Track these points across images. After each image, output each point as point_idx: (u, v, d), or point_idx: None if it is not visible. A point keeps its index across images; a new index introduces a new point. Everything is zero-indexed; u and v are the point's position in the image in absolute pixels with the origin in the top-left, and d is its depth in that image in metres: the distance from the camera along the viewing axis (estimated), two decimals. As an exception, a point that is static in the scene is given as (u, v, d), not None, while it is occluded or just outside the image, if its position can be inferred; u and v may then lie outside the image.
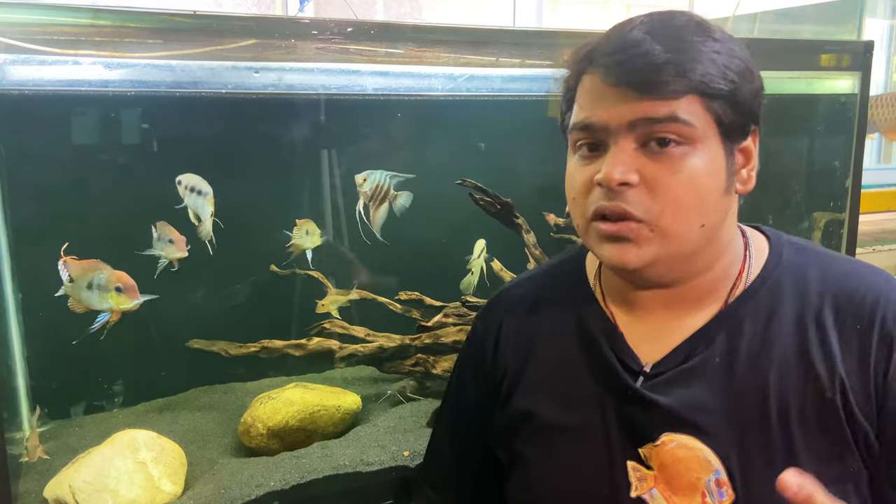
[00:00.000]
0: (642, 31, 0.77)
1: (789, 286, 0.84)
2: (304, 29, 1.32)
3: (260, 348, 1.55)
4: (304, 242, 1.55)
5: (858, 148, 1.82)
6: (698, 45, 0.76)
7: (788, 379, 0.80)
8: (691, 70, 0.74)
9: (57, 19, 1.15)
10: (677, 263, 0.82)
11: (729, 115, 0.77)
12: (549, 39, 1.57)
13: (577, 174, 0.82)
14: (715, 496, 0.80)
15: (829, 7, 2.66)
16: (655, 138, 0.76)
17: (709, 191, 0.78)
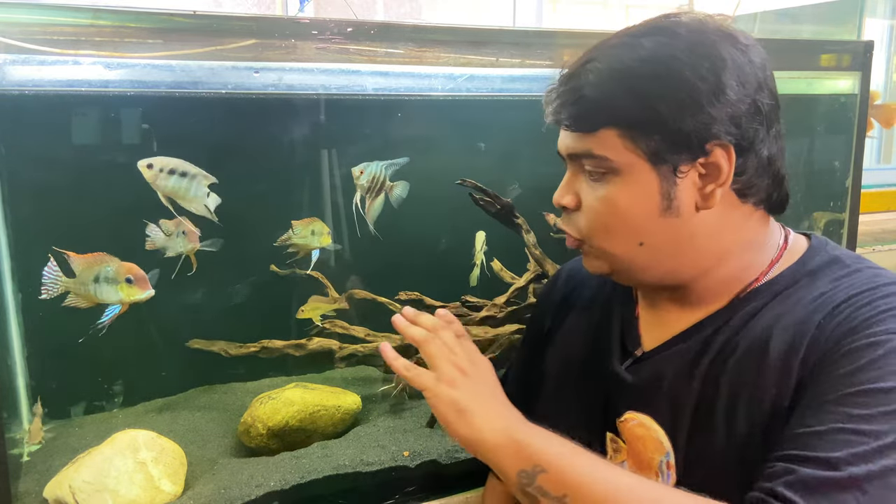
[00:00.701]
0: (578, 64, 0.83)
1: (795, 292, 0.83)
2: (304, 29, 1.32)
3: (260, 348, 1.55)
4: (311, 242, 1.53)
5: (858, 148, 1.82)
6: (622, 76, 0.79)
7: (741, 369, 0.81)
8: (606, 106, 0.80)
9: (57, 19, 1.15)
10: (640, 275, 0.87)
11: (657, 142, 0.79)
12: (549, 39, 1.57)
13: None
14: (665, 477, 0.84)
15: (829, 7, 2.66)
16: (585, 170, 0.85)
17: (633, 213, 0.82)
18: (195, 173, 1.30)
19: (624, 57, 0.80)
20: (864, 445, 0.67)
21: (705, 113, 0.77)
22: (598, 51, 0.82)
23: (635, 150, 0.80)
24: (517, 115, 1.75)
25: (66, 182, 1.43)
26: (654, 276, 0.87)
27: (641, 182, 0.81)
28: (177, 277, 1.46)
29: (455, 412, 0.80)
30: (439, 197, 1.60)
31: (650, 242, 0.83)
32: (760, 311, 0.83)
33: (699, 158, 0.80)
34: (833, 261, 0.85)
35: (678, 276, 0.86)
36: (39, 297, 1.24)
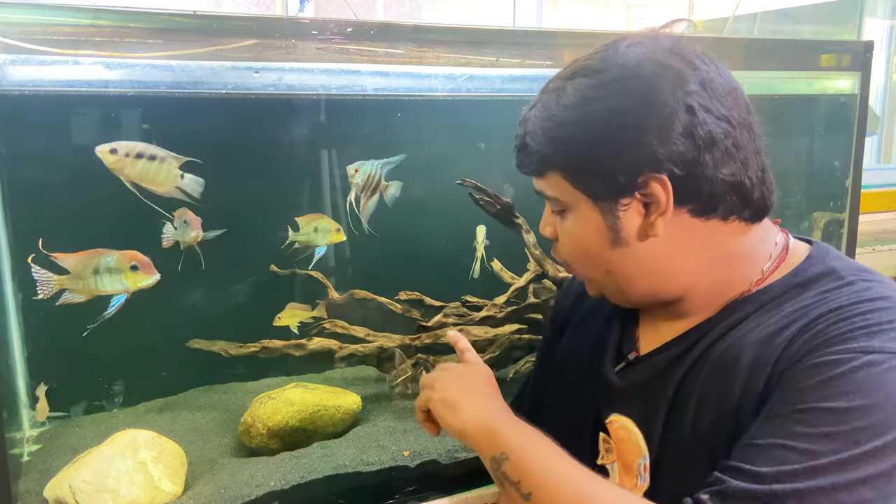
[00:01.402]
0: (529, 108, 0.88)
1: (780, 304, 0.82)
2: (304, 29, 1.32)
3: (260, 348, 1.55)
4: (315, 239, 1.52)
5: (858, 148, 1.82)
6: (551, 125, 0.84)
7: (712, 378, 0.81)
8: (543, 153, 0.85)
9: (57, 19, 1.15)
10: (623, 297, 0.91)
11: (592, 182, 0.83)
12: (549, 39, 1.57)
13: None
14: (641, 480, 0.87)
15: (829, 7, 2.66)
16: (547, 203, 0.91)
17: (589, 246, 0.87)
18: (164, 156, 1.26)
19: (551, 104, 0.84)
20: (796, 464, 0.66)
21: (633, 151, 0.79)
22: (539, 95, 0.88)
23: (576, 189, 0.85)
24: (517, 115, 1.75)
25: (66, 182, 1.43)
26: (637, 296, 0.90)
27: (588, 218, 0.86)
28: (177, 278, 1.46)
29: (445, 407, 0.91)
30: (439, 197, 1.60)
31: (615, 269, 0.88)
32: (743, 321, 0.83)
33: (636, 192, 0.82)
34: (828, 272, 0.82)
35: (661, 294, 0.89)
36: (35, 297, 1.24)
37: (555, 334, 1.14)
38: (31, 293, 1.41)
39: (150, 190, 1.28)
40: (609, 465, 0.93)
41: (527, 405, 1.16)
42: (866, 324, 0.73)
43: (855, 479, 0.65)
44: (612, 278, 0.89)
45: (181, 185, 1.29)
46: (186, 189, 1.30)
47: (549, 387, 1.11)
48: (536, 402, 1.15)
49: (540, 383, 1.16)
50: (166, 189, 1.28)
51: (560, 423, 0.96)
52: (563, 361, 1.06)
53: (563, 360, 1.07)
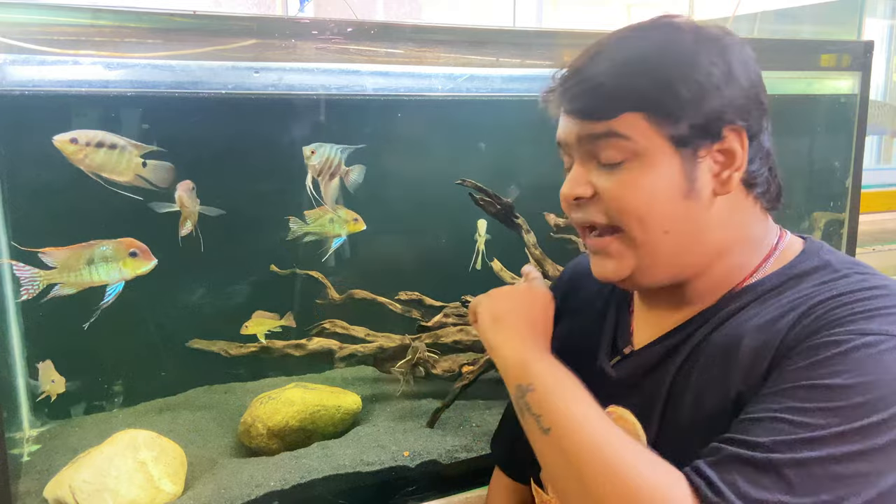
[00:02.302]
0: (587, 56, 0.83)
1: (777, 294, 0.83)
2: (304, 29, 1.32)
3: (260, 348, 1.55)
4: (331, 230, 1.50)
5: (858, 148, 1.82)
6: (638, 63, 0.80)
7: (708, 368, 0.82)
8: (626, 90, 0.80)
9: (57, 19, 1.15)
10: (658, 271, 0.85)
11: (679, 125, 0.80)
12: (549, 39, 1.57)
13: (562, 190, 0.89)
14: None
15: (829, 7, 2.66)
16: (599, 158, 0.83)
17: (659, 200, 0.81)
18: (123, 144, 1.24)
19: (637, 46, 0.82)
20: (793, 435, 0.67)
21: (721, 97, 0.80)
22: (605, 45, 0.83)
23: (658, 133, 0.80)
24: (517, 115, 1.75)
25: (66, 182, 1.43)
26: (667, 273, 0.86)
27: (665, 164, 0.81)
28: (177, 277, 1.46)
29: (490, 318, 0.91)
30: (439, 197, 1.60)
31: (674, 230, 0.82)
32: (741, 311, 0.83)
33: (715, 143, 0.81)
34: (823, 265, 0.84)
35: (686, 272, 0.86)
36: (19, 300, 1.24)
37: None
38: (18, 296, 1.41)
39: (110, 179, 1.25)
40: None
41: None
42: (864, 309, 0.74)
43: (852, 451, 0.66)
44: (662, 243, 0.83)
45: (143, 173, 1.26)
46: (149, 177, 1.27)
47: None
48: None
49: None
50: (127, 178, 1.26)
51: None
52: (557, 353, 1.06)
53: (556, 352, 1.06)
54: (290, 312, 1.56)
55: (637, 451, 0.73)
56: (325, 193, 1.45)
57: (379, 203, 1.54)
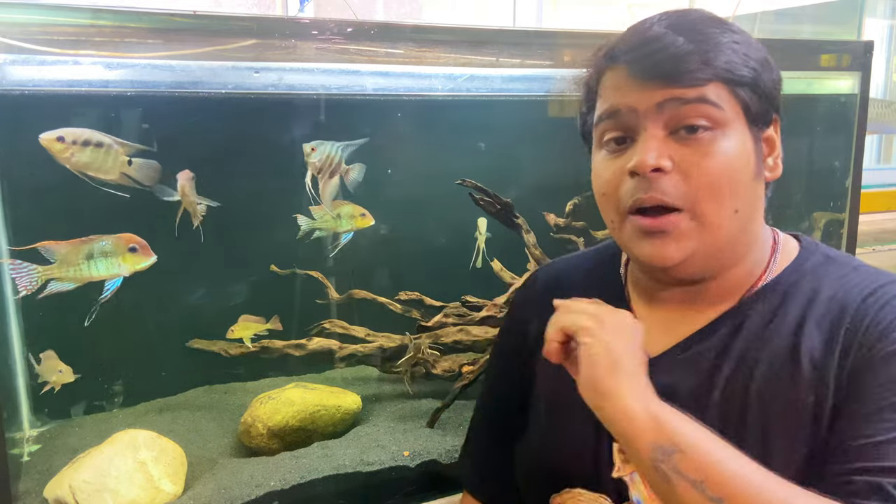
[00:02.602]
0: (662, 26, 0.79)
1: (802, 292, 0.83)
2: (304, 29, 1.32)
3: (260, 348, 1.55)
4: (339, 225, 1.49)
5: (858, 148, 1.82)
6: (717, 35, 0.79)
7: (773, 378, 0.80)
8: (714, 58, 0.77)
9: (57, 19, 1.15)
10: (713, 256, 0.83)
11: (754, 102, 0.80)
12: (549, 39, 1.57)
13: (606, 168, 0.83)
14: None
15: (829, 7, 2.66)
16: (684, 125, 0.78)
17: (740, 174, 0.79)
18: (110, 142, 1.22)
19: (716, 21, 0.81)
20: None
21: (777, 84, 0.83)
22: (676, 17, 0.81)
23: (737, 106, 0.79)
24: (517, 115, 1.75)
25: (66, 182, 1.43)
26: (718, 261, 0.83)
27: (742, 139, 0.80)
28: (177, 277, 1.46)
29: (609, 360, 0.75)
30: (439, 196, 1.60)
31: (742, 211, 0.80)
32: (777, 313, 0.82)
33: (767, 128, 0.83)
34: (829, 260, 0.86)
35: (728, 262, 0.85)
36: (18, 297, 1.23)
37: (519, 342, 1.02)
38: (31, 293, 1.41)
39: (97, 178, 1.24)
40: (628, 477, 0.85)
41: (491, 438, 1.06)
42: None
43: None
44: (731, 224, 0.80)
45: (129, 171, 1.24)
46: (135, 175, 1.25)
47: (538, 405, 0.97)
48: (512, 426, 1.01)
49: (515, 405, 1.01)
50: (113, 177, 1.24)
51: (565, 439, 0.90)
52: (551, 373, 0.93)
53: (549, 372, 0.94)
54: (277, 316, 1.54)
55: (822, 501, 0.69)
56: (324, 192, 1.44)
57: (379, 202, 1.54)
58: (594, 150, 0.87)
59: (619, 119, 0.80)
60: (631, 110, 0.79)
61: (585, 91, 0.87)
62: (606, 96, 0.82)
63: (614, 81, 0.81)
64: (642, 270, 0.90)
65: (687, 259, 0.80)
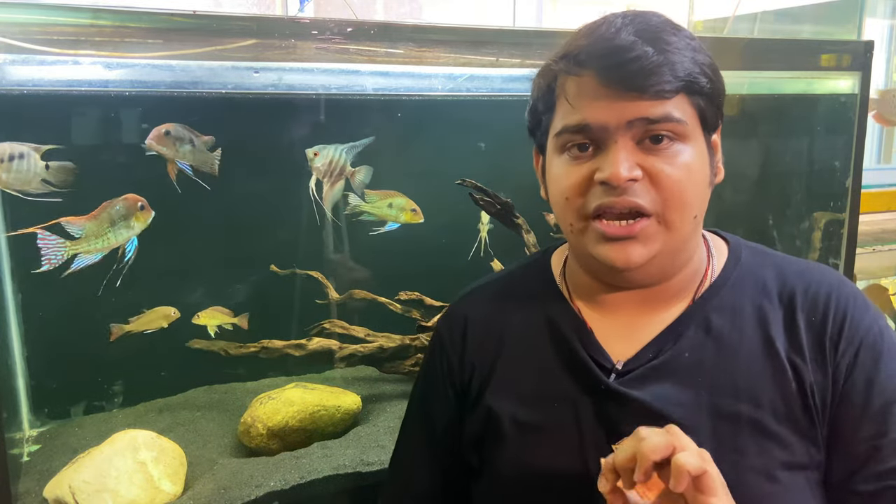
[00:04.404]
0: (629, 32, 0.79)
1: (749, 284, 0.88)
2: (304, 29, 1.32)
3: (260, 348, 1.54)
4: (389, 214, 1.49)
5: (858, 148, 1.82)
6: (678, 43, 0.79)
7: (757, 371, 0.82)
8: (680, 69, 0.78)
9: (57, 19, 1.15)
10: (670, 259, 0.85)
11: (709, 109, 0.82)
12: (549, 39, 1.57)
13: (570, 174, 0.83)
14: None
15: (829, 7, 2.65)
16: (651, 136, 0.79)
17: (700, 182, 0.83)
18: (26, 151, 1.16)
19: (678, 32, 0.81)
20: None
21: (723, 87, 0.84)
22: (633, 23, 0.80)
23: (695, 115, 0.82)
24: (517, 115, 1.75)
25: (65, 182, 1.43)
26: (677, 261, 0.87)
27: (700, 147, 0.83)
28: (177, 276, 1.46)
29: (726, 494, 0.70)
30: (439, 196, 1.60)
31: (699, 215, 0.85)
32: (735, 307, 0.86)
33: (714, 133, 0.85)
34: (754, 251, 0.93)
35: (683, 262, 0.88)
36: (38, 270, 1.21)
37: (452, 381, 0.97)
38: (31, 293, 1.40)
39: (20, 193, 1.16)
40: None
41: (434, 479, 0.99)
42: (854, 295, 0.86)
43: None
44: (691, 229, 0.84)
45: (47, 176, 1.18)
46: (54, 179, 1.19)
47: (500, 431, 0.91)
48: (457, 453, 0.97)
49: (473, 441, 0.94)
50: (35, 186, 1.17)
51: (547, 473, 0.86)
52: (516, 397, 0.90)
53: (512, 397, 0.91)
54: (246, 315, 1.53)
55: None
56: (327, 197, 1.43)
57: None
58: (552, 153, 0.86)
59: (588, 133, 0.81)
60: (602, 127, 0.79)
61: (544, 91, 0.86)
62: (574, 105, 0.81)
63: (582, 90, 0.80)
64: (597, 275, 0.90)
65: (648, 262, 0.83)
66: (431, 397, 1.01)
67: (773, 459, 0.78)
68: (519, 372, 0.92)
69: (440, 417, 0.99)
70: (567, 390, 0.88)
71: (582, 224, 0.84)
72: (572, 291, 0.94)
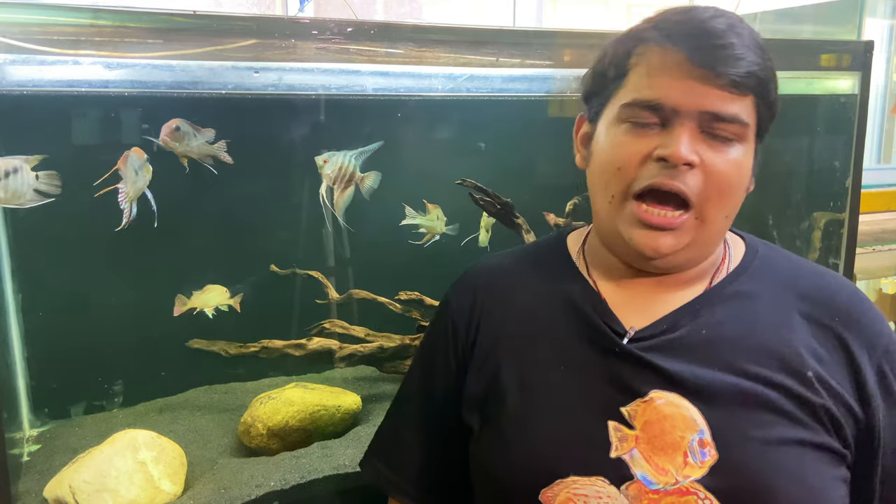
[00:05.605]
0: (722, 22, 0.81)
1: (767, 275, 0.91)
2: (304, 29, 1.32)
3: (260, 348, 1.54)
4: (437, 226, 1.55)
5: (858, 148, 1.82)
6: (759, 47, 0.82)
7: (771, 355, 0.85)
8: (759, 70, 0.80)
9: (57, 19, 1.15)
10: (695, 253, 0.87)
11: (765, 118, 0.85)
12: (549, 39, 1.57)
13: (629, 145, 0.83)
14: (697, 456, 0.82)
15: (829, 7, 2.65)
16: (716, 129, 0.81)
17: (742, 185, 0.85)
18: (19, 165, 1.14)
19: (754, 34, 0.84)
20: None
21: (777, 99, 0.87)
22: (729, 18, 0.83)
23: (755, 122, 0.84)
24: (517, 115, 1.75)
25: (65, 182, 1.43)
26: (702, 255, 0.89)
27: (749, 154, 0.84)
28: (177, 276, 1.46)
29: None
30: (439, 196, 1.60)
31: (730, 217, 0.86)
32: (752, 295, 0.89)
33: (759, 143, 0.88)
34: (772, 247, 0.96)
35: (702, 257, 0.90)
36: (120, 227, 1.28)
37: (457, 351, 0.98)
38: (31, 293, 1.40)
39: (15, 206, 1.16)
40: (627, 455, 0.83)
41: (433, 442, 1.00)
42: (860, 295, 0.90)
43: None
44: (721, 226, 0.86)
45: (39, 186, 1.18)
46: (45, 189, 1.19)
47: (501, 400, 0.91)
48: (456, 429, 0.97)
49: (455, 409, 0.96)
50: (30, 198, 1.17)
51: (549, 429, 0.86)
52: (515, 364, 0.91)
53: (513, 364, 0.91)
54: (241, 295, 1.51)
55: None
56: (338, 203, 1.44)
57: (379, 202, 1.54)
58: (610, 121, 0.85)
59: (659, 111, 0.81)
60: (674, 108, 0.80)
61: (620, 57, 0.85)
62: (652, 80, 0.81)
63: (665, 65, 0.80)
64: (619, 254, 0.90)
65: (675, 253, 0.84)
66: (432, 359, 1.02)
67: (782, 434, 0.81)
68: (527, 337, 0.93)
69: (439, 377, 1.00)
70: (578, 355, 0.89)
71: (621, 198, 0.84)
72: (590, 267, 0.96)
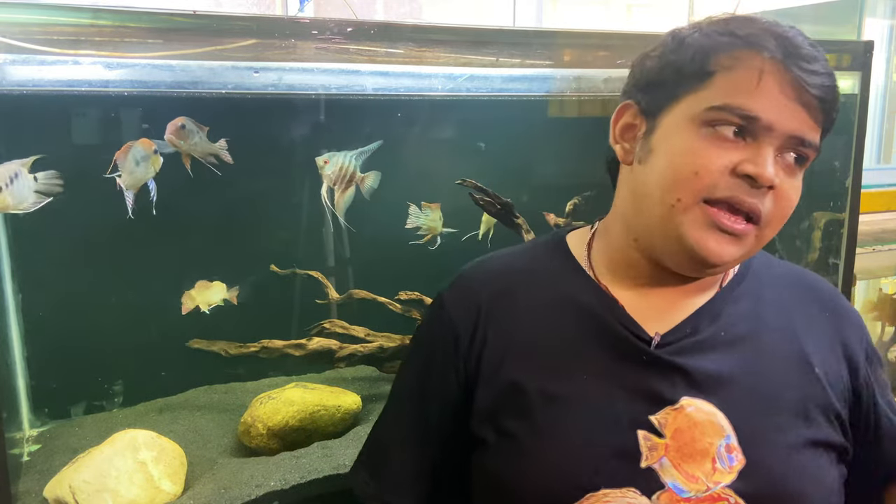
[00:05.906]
0: (818, 54, 0.84)
1: (764, 274, 0.96)
2: (304, 29, 1.32)
3: (260, 348, 1.55)
4: (438, 226, 1.56)
5: (858, 148, 1.82)
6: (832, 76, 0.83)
7: (786, 355, 0.89)
8: (835, 102, 0.83)
9: (57, 19, 1.15)
10: (735, 263, 0.89)
11: (820, 146, 0.84)
12: (549, 39, 1.57)
13: (710, 151, 0.79)
14: (725, 461, 0.82)
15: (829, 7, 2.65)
16: (797, 152, 0.82)
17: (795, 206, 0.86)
18: (18, 169, 1.11)
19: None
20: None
21: None
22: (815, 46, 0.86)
23: (816, 148, 0.84)
24: (517, 114, 1.75)
25: (65, 182, 1.43)
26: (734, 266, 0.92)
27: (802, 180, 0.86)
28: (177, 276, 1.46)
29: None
30: (439, 196, 1.60)
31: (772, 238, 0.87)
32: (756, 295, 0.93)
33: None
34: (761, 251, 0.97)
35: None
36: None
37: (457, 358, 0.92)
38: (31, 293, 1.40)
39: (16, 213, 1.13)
40: (657, 464, 0.81)
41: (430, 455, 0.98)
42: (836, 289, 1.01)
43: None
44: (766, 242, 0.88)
45: (39, 189, 1.15)
46: (45, 190, 1.16)
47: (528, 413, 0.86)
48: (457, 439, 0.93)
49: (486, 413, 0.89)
50: (32, 201, 1.14)
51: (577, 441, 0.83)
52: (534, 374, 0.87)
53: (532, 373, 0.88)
54: (237, 288, 1.50)
55: None
56: (339, 203, 1.43)
57: (379, 202, 1.54)
58: (686, 121, 0.81)
59: (752, 123, 0.78)
60: (768, 126, 0.78)
61: (708, 51, 0.81)
62: (753, 89, 0.78)
63: (773, 79, 0.78)
64: (669, 258, 0.86)
65: (729, 263, 0.85)
66: (427, 369, 0.96)
67: (800, 436, 0.84)
68: (541, 346, 0.89)
69: (435, 390, 0.94)
70: (599, 363, 0.86)
71: (691, 203, 0.80)
72: (597, 270, 0.93)
